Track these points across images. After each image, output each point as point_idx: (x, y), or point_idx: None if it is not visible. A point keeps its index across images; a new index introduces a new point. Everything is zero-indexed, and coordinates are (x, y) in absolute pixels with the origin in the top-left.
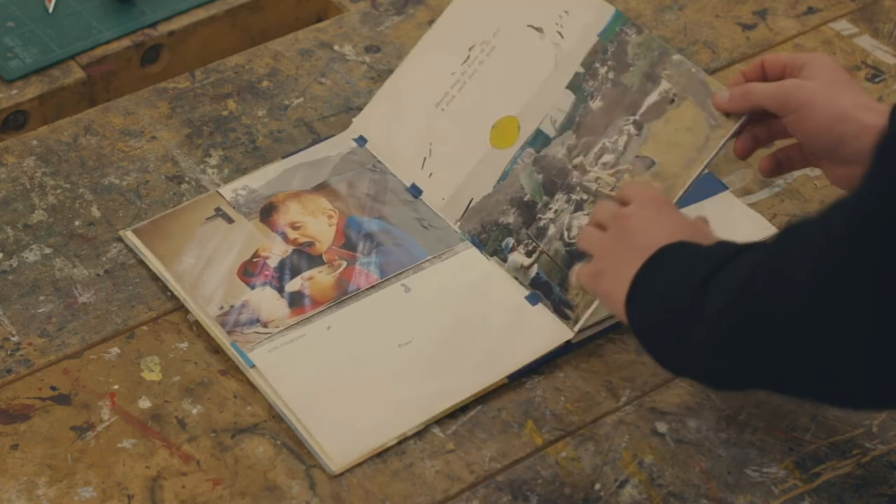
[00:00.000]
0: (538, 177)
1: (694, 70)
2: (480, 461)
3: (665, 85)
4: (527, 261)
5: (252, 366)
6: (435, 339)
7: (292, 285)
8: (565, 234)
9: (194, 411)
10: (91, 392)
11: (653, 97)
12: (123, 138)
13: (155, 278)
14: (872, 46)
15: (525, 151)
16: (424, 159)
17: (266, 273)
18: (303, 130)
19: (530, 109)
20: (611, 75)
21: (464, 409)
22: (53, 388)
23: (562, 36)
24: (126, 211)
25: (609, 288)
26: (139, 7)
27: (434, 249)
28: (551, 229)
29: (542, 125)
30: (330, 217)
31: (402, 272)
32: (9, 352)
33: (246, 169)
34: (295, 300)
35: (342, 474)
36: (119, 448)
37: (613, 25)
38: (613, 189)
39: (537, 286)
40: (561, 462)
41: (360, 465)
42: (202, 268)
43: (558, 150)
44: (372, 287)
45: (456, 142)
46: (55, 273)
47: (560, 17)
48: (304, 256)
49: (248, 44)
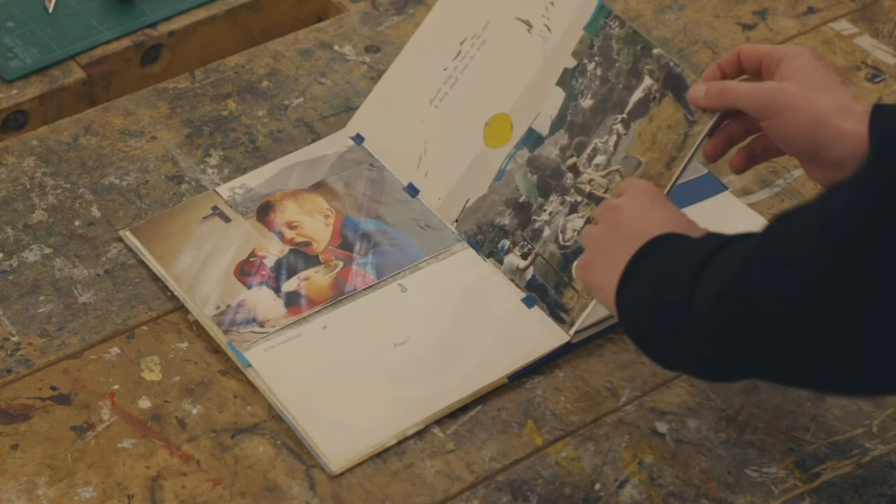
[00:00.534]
0: (532, 177)
1: (672, 64)
2: (480, 461)
3: (647, 81)
4: (522, 263)
5: (248, 365)
6: (431, 340)
7: (289, 285)
8: (560, 237)
9: (194, 411)
10: (91, 392)
11: (637, 94)
12: (123, 138)
13: (155, 278)
14: (872, 46)
15: (519, 151)
16: (420, 158)
17: (262, 273)
18: (303, 130)
19: (521, 107)
20: (598, 71)
21: (464, 409)
22: (53, 388)
23: (549, 30)
24: (126, 211)
25: (600, 278)
26: (139, 7)
27: (431, 250)
28: (546, 231)
29: (535, 124)
30: (327, 216)
31: (399, 273)
32: (9, 352)
33: (246, 169)
34: (291, 300)
35: (342, 474)
36: (119, 448)
37: (598, 18)
38: (606, 191)
39: (533, 289)
40: (561, 462)
41: (360, 465)
42: (199, 267)
43: (551, 151)
44: (368, 287)
45: (450, 140)
46: (55, 273)
47: (546, 10)
48: (301, 256)
49: (248, 44)
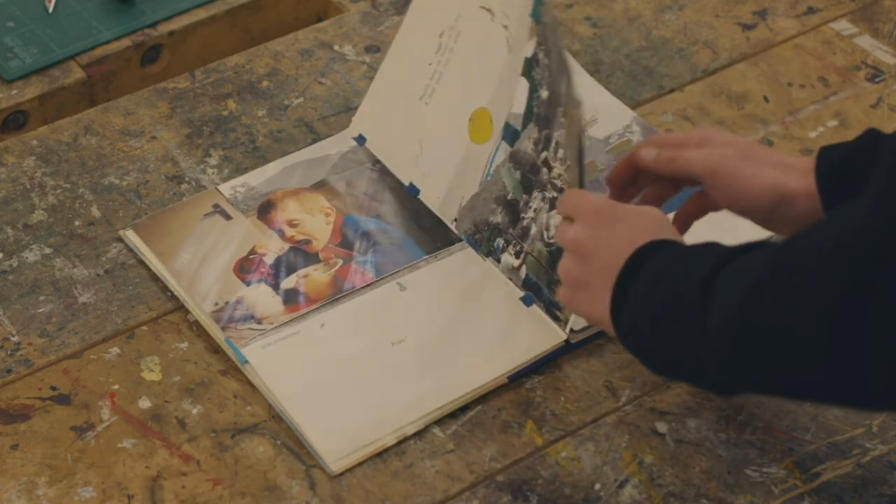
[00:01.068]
0: (515, 174)
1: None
2: (480, 461)
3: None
4: (516, 262)
5: (245, 362)
6: (428, 339)
7: (287, 282)
8: (545, 234)
9: (194, 411)
10: (91, 392)
11: (564, 85)
12: (123, 138)
13: (155, 278)
14: (872, 46)
15: (500, 146)
16: (417, 157)
17: (262, 270)
18: (303, 130)
19: (497, 100)
20: (546, 62)
21: (464, 409)
22: (53, 388)
23: (507, 17)
24: (126, 211)
25: (589, 310)
26: (139, 7)
27: (430, 249)
28: (533, 229)
29: (510, 117)
30: (328, 215)
31: (398, 271)
32: (9, 352)
33: (246, 169)
34: (290, 297)
35: (342, 474)
36: (119, 448)
37: (537, 5)
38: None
39: (529, 287)
40: (561, 462)
41: (360, 465)
42: (199, 264)
43: (527, 145)
44: (367, 285)
45: (441, 138)
46: (55, 273)
47: None
48: (301, 254)
49: (248, 44)
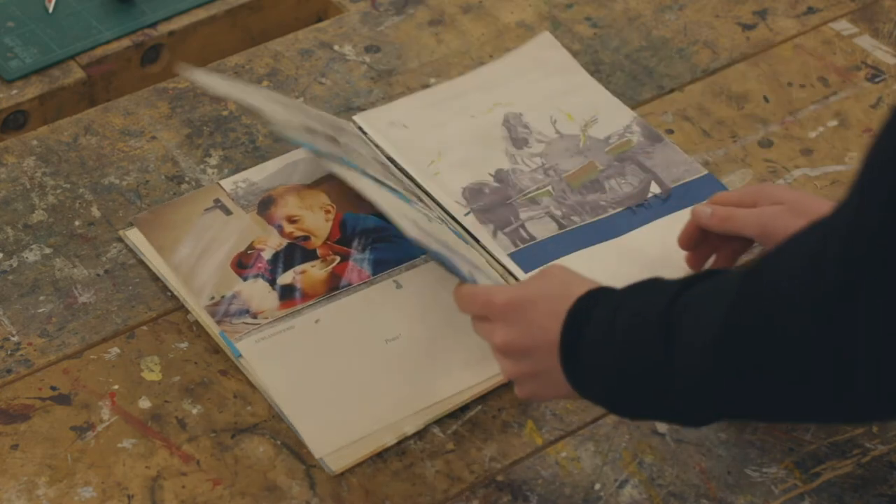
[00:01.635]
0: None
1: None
2: (480, 461)
3: None
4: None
5: (239, 356)
6: (422, 337)
7: (284, 278)
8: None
9: (194, 411)
10: (91, 392)
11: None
12: (123, 138)
13: (155, 278)
14: (872, 46)
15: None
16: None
17: (259, 265)
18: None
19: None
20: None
21: (464, 409)
22: (53, 388)
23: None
24: (126, 211)
25: (552, 392)
26: (139, 7)
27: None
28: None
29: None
30: (328, 212)
31: (395, 269)
32: (9, 352)
33: (246, 169)
34: (286, 293)
35: (342, 474)
36: (119, 448)
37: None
38: None
39: None
40: (561, 462)
41: (360, 465)
42: (197, 258)
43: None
44: (363, 283)
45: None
46: (55, 273)
47: None
48: (299, 250)
49: (248, 44)
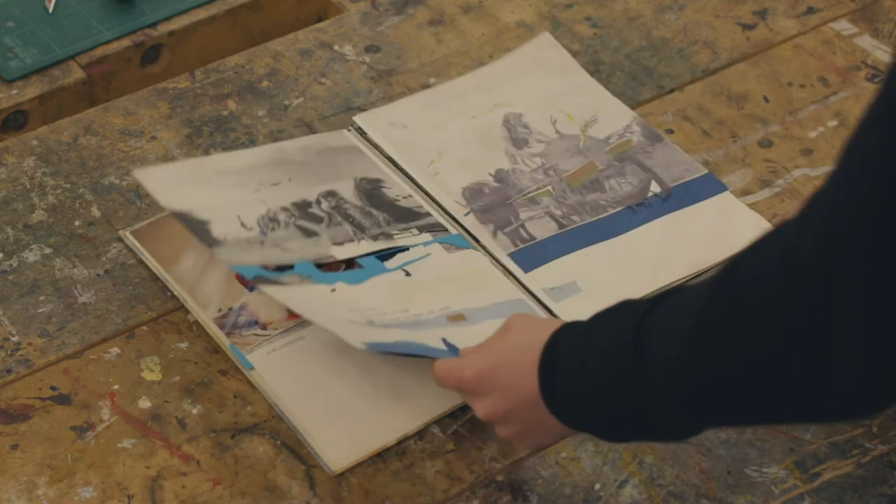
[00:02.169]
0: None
1: None
2: (480, 461)
3: None
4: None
5: (251, 368)
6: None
7: None
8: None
9: (194, 411)
10: (91, 392)
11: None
12: (123, 138)
13: (155, 278)
14: (872, 46)
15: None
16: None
17: None
18: (303, 130)
19: None
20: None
21: (464, 409)
22: (53, 388)
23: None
24: (126, 211)
25: (551, 438)
26: (139, 7)
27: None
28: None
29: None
30: None
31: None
32: (9, 352)
33: None
34: None
35: (342, 474)
36: (119, 448)
37: None
38: None
39: None
40: (561, 462)
41: (361, 466)
42: (201, 270)
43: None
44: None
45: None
46: (55, 273)
47: None
48: None
49: (248, 44)
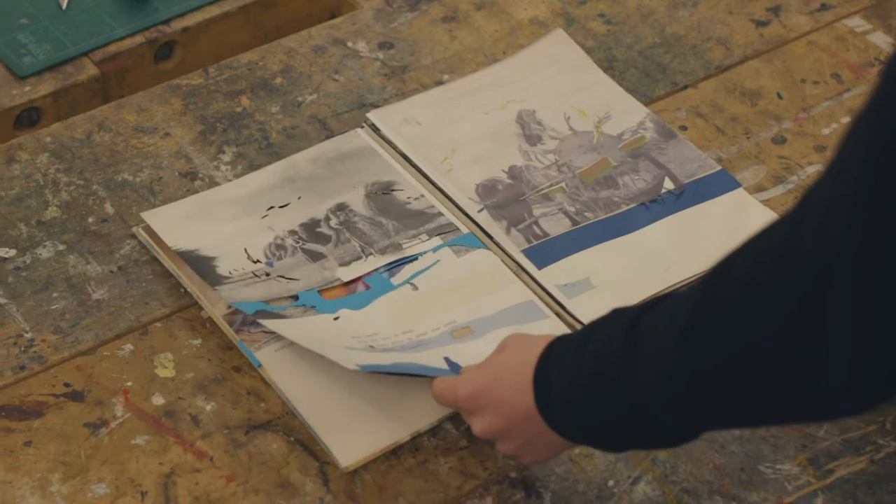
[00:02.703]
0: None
1: None
2: (494, 458)
3: None
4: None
5: (259, 365)
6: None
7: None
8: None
9: (208, 408)
10: (104, 389)
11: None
12: (137, 135)
13: (168, 275)
14: (885, 43)
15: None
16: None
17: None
18: (316, 127)
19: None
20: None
21: None
22: (67, 385)
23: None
24: (140, 207)
25: (553, 450)
26: (152, 3)
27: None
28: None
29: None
30: None
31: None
32: (22, 348)
33: (259, 166)
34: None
35: (356, 471)
36: (132, 445)
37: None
38: None
39: None
40: (574, 459)
41: (374, 462)
42: None
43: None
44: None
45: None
46: (69, 270)
47: None
48: None
49: (262, 40)
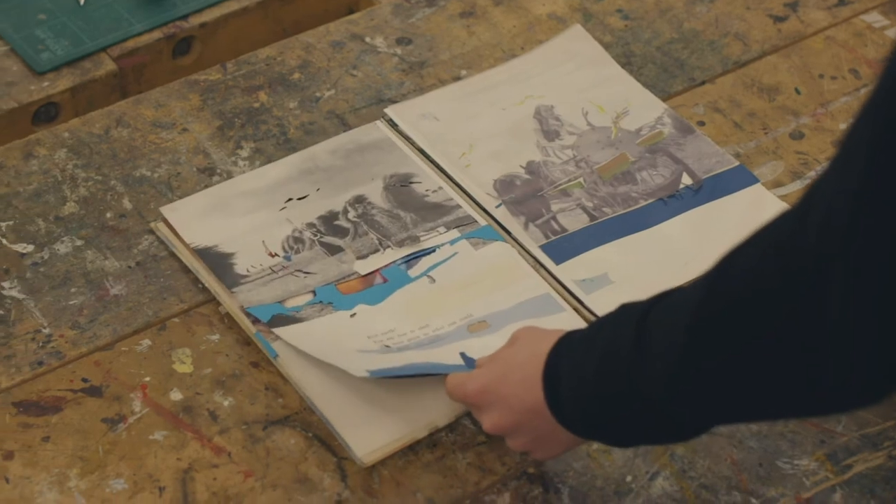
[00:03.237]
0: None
1: None
2: (512, 453)
3: None
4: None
5: (275, 356)
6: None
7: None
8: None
9: (226, 403)
10: (122, 384)
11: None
12: (155, 130)
13: (186, 270)
14: None
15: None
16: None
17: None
18: (334, 122)
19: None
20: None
21: None
22: (85, 380)
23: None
24: (157, 203)
25: (563, 446)
26: None
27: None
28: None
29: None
30: None
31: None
32: (40, 344)
33: (277, 160)
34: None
35: (373, 466)
36: (150, 440)
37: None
38: None
39: None
40: (592, 454)
41: (392, 458)
42: None
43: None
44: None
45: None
46: (87, 265)
47: None
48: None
49: (280, 36)
